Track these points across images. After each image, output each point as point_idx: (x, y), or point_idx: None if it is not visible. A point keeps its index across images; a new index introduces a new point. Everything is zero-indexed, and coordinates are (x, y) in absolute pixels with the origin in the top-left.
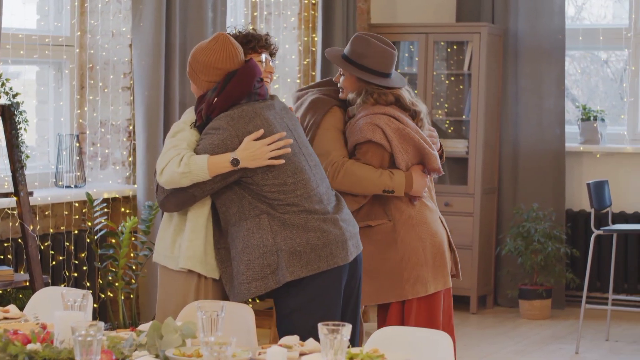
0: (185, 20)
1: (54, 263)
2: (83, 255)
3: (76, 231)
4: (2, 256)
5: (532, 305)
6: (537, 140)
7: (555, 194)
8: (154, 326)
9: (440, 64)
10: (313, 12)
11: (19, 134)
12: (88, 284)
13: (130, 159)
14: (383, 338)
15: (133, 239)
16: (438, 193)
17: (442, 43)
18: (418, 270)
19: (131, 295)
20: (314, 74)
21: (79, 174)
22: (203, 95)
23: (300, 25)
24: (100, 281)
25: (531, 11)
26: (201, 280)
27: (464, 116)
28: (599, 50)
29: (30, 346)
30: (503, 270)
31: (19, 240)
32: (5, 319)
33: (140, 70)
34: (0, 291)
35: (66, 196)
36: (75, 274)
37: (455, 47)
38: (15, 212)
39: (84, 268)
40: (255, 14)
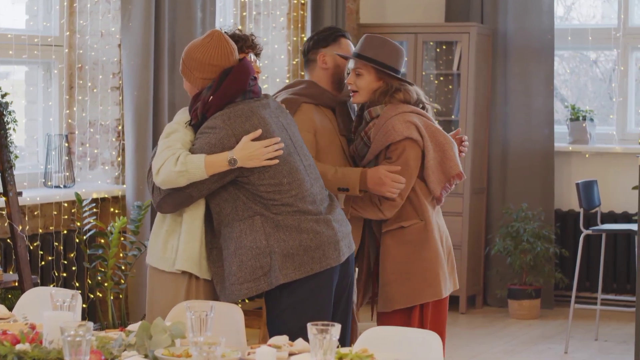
0: (174, 20)
1: (43, 263)
2: (72, 255)
3: (65, 231)
4: None
5: (521, 305)
6: (526, 140)
7: (544, 193)
8: (143, 326)
9: (429, 64)
10: (302, 12)
11: (8, 134)
12: (77, 284)
13: (119, 159)
14: (373, 338)
15: (122, 239)
16: None
17: (431, 43)
18: (439, 273)
19: (120, 296)
20: (303, 73)
21: (67, 174)
22: (198, 93)
23: (290, 25)
24: (89, 281)
25: (520, 11)
26: (192, 281)
27: (453, 116)
28: (588, 50)
29: (19, 346)
30: (492, 270)
31: (8, 240)
32: None
33: (129, 70)
34: None
35: (55, 196)
36: (64, 274)
37: (444, 47)
38: (4, 212)
39: (73, 268)
40: (244, 14)
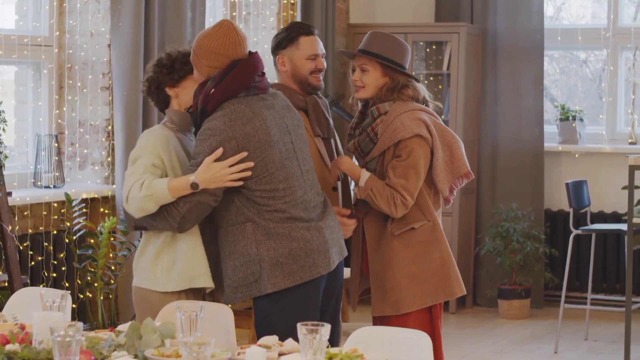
0: (164, 20)
1: (33, 263)
2: (62, 255)
3: (55, 231)
4: None
5: (511, 305)
6: (516, 140)
7: (534, 193)
8: (133, 326)
9: (419, 64)
10: (292, 12)
11: None
12: (67, 284)
13: (109, 159)
14: (362, 338)
15: (112, 239)
16: None
17: (421, 43)
18: (456, 268)
19: (110, 296)
20: None
21: (57, 174)
22: (204, 82)
23: (279, 25)
24: (79, 281)
25: (510, 11)
26: (181, 297)
27: (442, 116)
28: (577, 50)
29: (9, 346)
30: (482, 270)
31: None
32: None
33: (119, 70)
34: None
35: (45, 196)
36: (54, 275)
37: (434, 47)
38: None
39: (63, 268)
40: (234, 14)
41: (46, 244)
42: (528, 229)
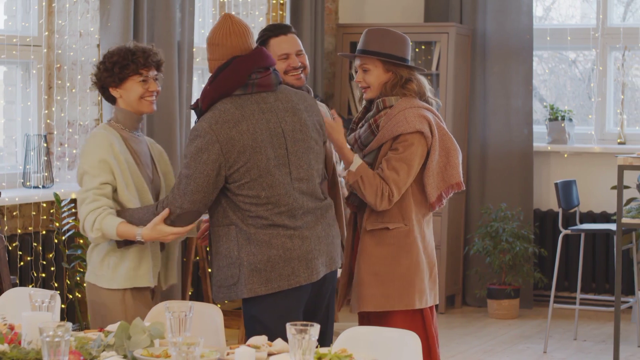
0: (153, 20)
1: (22, 264)
2: (51, 255)
3: (44, 232)
4: None
5: (500, 305)
6: (505, 140)
7: (523, 193)
8: (122, 327)
9: None
10: (281, 12)
11: None
12: (56, 285)
13: None
14: (351, 338)
15: None
16: None
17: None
18: (424, 280)
19: None
20: None
21: (46, 174)
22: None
23: None
24: (68, 282)
25: (499, 11)
26: (126, 294)
27: None
28: (566, 50)
29: None
30: (471, 270)
31: None
32: None
33: None
34: None
35: (34, 197)
36: (43, 275)
37: (423, 47)
38: None
39: (52, 269)
40: (223, 13)
41: (35, 244)
42: (517, 229)
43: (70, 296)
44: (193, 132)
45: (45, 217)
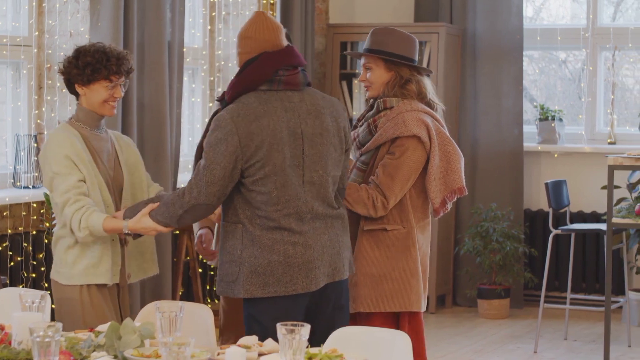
0: (143, 20)
1: (12, 264)
2: (41, 256)
3: (34, 232)
4: None
5: (491, 305)
6: (496, 140)
7: (513, 193)
8: (113, 327)
9: None
10: (271, 12)
11: None
12: (46, 285)
13: None
14: (342, 338)
15: None
16: None
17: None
18: (421, 284)
19: None
20: None
21: (37, 174)
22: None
23: None
24: None
25: (489, 11)
26: (83, 290)
27: None
28: (557, 50)
29: None
30: (462, 270)
31: None
32: None
33: None
34: None
35: (24, 197)
36: (34, 275)
37: None
38: None
39: (42, 269)
40: (213, 14)
41: (25, 245)
42: (508, 229)
43: None
44: (214, 123)
45: (35, 218)
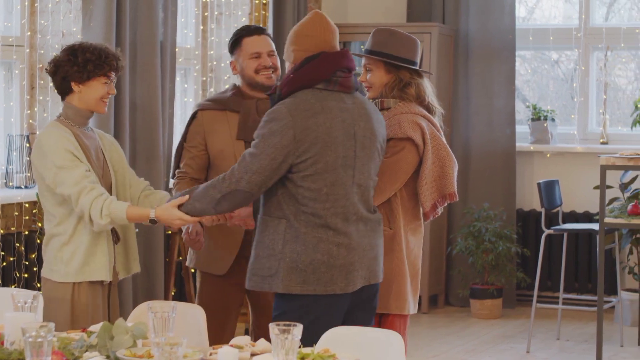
0: (135, 20)
1: (4, 264)
2: (33, 256)
3: (26, 232)
4: None
5: (483, 305)
6: (488, 140)
7: (505, 193)
8: (105, 327)
9: None
10: (264, 12)
11: None
12: (38, 285)
13: None
14: (334, 338)
15: None
16: None
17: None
18: (405, 286)
19: None
20: None
21: (29, 174)
22: (291, 68)
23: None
24: None
25: (481, 11)
26: (74, 287)
27: None
28: (549, 50)
29: None
30: (454, 270)
31: None
32: None
33: None
34: None
35: (16, 197)
36: (26, 275)
37: None
38: None
39: (35, 269)
40: (205, 14)
41: (17, 245)
42: (500, 229)
43: None
44: (270, 115)
45: (27, 218)
